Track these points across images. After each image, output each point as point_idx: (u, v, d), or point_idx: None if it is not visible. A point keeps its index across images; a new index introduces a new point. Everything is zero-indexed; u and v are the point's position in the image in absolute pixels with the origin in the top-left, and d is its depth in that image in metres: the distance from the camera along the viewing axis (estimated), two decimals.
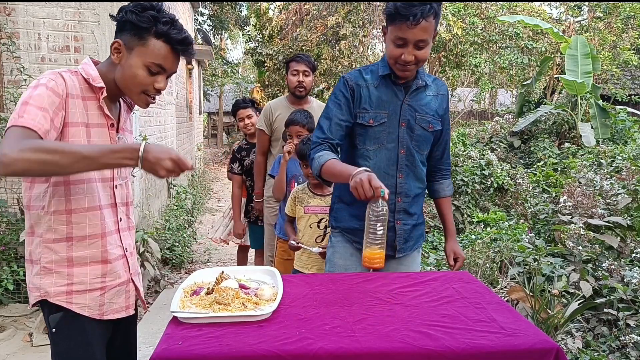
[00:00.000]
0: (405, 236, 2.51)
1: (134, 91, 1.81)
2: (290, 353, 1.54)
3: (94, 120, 1.80)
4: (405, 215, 2.48)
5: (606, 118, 9.12)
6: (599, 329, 3.58)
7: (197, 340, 1.60)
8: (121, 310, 1.94)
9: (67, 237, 1.76)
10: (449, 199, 2.72)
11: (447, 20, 11.82)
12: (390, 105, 2.39)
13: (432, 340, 1.62)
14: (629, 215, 4.66)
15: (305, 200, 3.20)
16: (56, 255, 1.76)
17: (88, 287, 1.81)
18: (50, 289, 1.76)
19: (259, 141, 4.19)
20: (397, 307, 1.90)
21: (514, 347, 1.60)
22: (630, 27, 13.87)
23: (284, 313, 1.82)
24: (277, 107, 4.08)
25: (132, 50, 1.76)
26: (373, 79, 2.40)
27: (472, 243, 4.81)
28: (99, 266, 1.83)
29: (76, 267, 1.78)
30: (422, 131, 2.43)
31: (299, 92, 4.00)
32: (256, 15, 15.78)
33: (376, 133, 2.39)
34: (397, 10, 2.15)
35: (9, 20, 4.64)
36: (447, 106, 2.55)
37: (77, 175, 1.74)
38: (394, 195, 2.43)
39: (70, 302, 1.78)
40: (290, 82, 4.03)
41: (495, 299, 2.00)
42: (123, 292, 1.94)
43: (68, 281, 1.77)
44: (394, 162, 2.41)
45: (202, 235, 7.65)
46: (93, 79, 1.77)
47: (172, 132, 9.14)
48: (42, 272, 1.76)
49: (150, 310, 4.51)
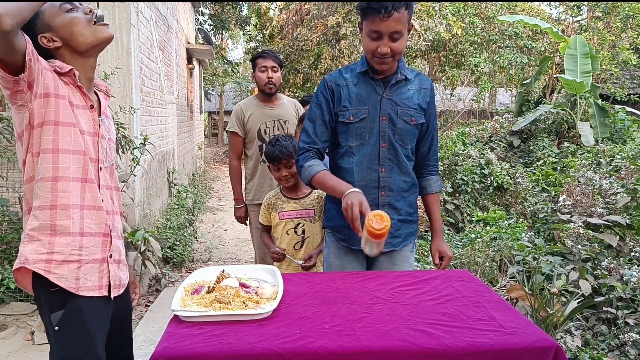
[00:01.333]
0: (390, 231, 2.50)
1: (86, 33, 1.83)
2: (291, 351, 1.55)
3: (76, 101, 1.83)
4: (390, 210, 2.45)
5: (605, 117, 9.13)
6: (598, 328, 3.59)
7: (198, 339, 1.61)
8: (95, 289, 1.87)
9: (51, 204, 1.76)
10: (436, 196, 2.68)
11: (447, 20, 11.81)
12: (369, 100, 2.41)
13: (432, 338, 1.62)
14: (628, 214, 4.67)
15: (279, 205, 3.02)
16: (39, 223, 1.76)
17: (67, 258, 1.79)
18: (30, 256, 1.75)
19: (232, 144, 4.08)
20: (397, 305, 1.90)
21: (514, 346, 1.60)
22: (629, 27, 13.88)
23: (285, 311, 1.82)
24: (248, 107, 3.97)
25: (50, 25, 1.80)
26: (352, 77, 2.44)
27: (472, 242, 4.83)
28: (77, 238, 1.81)
29: (58, 237, 1.78)
30: (405, 125, 2.43)
31: (269, 89, 3.90)
32: (257, 15, 15.79)
33: (357, 129, 2.42)
34: (369, 4, 2.20)
35: None
36: (431, 100, 2.53)
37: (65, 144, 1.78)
38: (377, 190, 2.45)
39: (48, 272, 1.76)
40: (259, 80, 3.92)
41: (495, 297, 2.00)
42: (96, 270, 1.88)
43: (48, 250, 1.76)
44: (376, 156, 2.43)
45: (203, 234, 7.66)
46: (60, 67, 1.79)
47: (173, 131, 9.14)
48: (26, 239, 1.77)
49: (152, 308, 4.51)
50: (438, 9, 11.75)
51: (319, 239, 2.97)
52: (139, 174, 5.58)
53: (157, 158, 7.26)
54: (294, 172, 2.91)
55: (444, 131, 15.60)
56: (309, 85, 12.98)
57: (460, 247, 5.05)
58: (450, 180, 6.78)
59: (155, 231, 5.64)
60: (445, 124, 17.32)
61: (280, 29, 14.23)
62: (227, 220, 8.76)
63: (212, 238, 7.62)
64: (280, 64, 3.96)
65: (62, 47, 1.83)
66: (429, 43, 12.23)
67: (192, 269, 5.82)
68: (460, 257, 4.63)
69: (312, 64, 12.47)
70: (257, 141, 3.91)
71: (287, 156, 2.90)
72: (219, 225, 8.54)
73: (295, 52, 12.42)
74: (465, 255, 4.61)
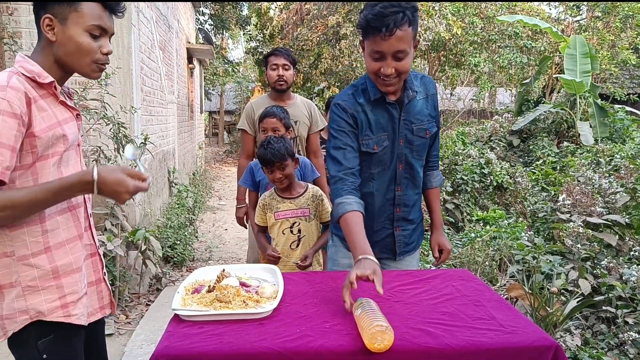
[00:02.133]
0: (405, 241, 2.52)
1: (84, 62, 1.66)
2: (291, 350, 1.55)
3: (63, 115, 1.67)
4: (404, 222, 2.49)
5: (605, 117, 9.14)
6: (597, 327, 3.60)
7: (199, 338, 1.61)
8: (96, 313, 1.84)
9: (44, 247, 1.62)
10: (436, 190, 2.65)
11: (446, 20, 11.81)
12: (388, 126, 2.31)
13: (432, 337, 1.62)
14: (628, 213, 4.68)
15: (274, 206, 2.99)
16: (39, 271, 1.61)
17: (80, 295, 1.70)
18: (42, 307, 1.61)
19: (243, 142, 3.99)
20: (397, 304, 1.91)
21: (513, 345, 1.61)
22: (629, 27, 13.87)
23: (285, 311, 1.83)
24: (260, 105, 3.84)
25: (66, 21, 1.61)
26: (366, 102, 2.29)
27: (472, 241, 4.83)
28: (81, 270, 1.72)
29: (64, 278, 1.65)
30: (421, 140, 2.38)
31: (280, 85, 3.81)
32: (257, 15, 15.79)
33: (380, 157, 2.34)
34: (369, 22, 2.03)
35: (11, 19, 4.64)
36: (437, 102, 2.46)
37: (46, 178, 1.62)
38: (393, 207, 2.43)
39: (68, 315, 1.65)
40: (270, 78, 3.83)
41: (495, 296, 2.01)
42: (94, 292, 1.83)
43: (60, 294, 1.64)
44: (393, 178, 2.39)
45: (203, 234, 7.67)
46: (39, 75, 1.61)
47: (173, 131, 9.14)
48: (26, 292, 1.59)
49: (152, 308, 4.52)
50: (438, 9, 11.74)
51: (314, 237, 3.00)
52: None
53: (158, 157, 7.26)
54: (288, 174, 2.91)
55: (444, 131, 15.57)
56: (309, 85, 12.99)
57: (460, 246, 5.05)
58: (450, 179, 6.79)
59: (156, 230, 5.64)
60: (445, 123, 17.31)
61: (280, 29, 14.23)
62: (227, 220, 8.77)
63: (213, 237, 7.62)
64: (292, 62, 3.88)
65: (53, 45, 1.64)
66: (429, 43, 12.21)
67: (193, 268, 5.83)
68: (460, 257, 4.64)
69: (312, 64, 12.46)
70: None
71: (280, 159, 2.85)
72: (219, 225, 8.55)
73: (296, 52, 12.41)
74: (465, 255, 4.62)
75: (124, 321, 4.27)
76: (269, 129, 3.28)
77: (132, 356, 3.65)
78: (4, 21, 4.61)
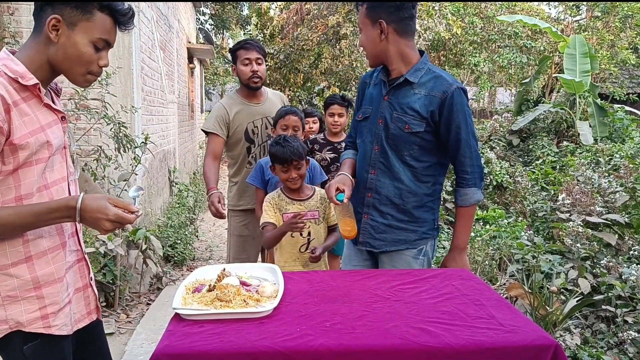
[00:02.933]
0: (371, 232, 2.51)
1: (79, 72, 1.62)
2: (292, 349, 1.56)
3: (47, 119, 1.60)
4: (374, 211, 2.50)
5: (604, 116, 9.15)
6: (597, 326, 3.61)
7: (199, 337, 1.62)
8: (83, 319, 1.78)
9: (25, 257, 1.56)
10: (461, 210, 2.49)
11: (446, 20, 11.81)
12: (375, 101, 2.49)
13: (432, 336, 1.63)
14: (627, 212, 4.68)
15: (283, 207, 2.86)
16: (19, 281, 1.55)
17: (62, 306, 1.64)
18: (21, 318, 1.56)
19: (211, 145, 3.58)
20: (398, 304, 1.91)
21: (513, 344, 1.61)
22: (628, 27, 13.87)
23: (285, 310, 1.83)
24: (232, 104, 3.55)
25: (74, 26, 1.56)
26: (373, 77, 2.57)
27: (472, 240, 4.84)
28: (63, 280, 1.65)
29: (45, 288, 1.59)
30: (398, 131, 2.40)
31: (254, 83, 3.48)
32: (257, 15, 15.77)
33: (361, 127, 2.56)
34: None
35: (12, 19, 4.65)
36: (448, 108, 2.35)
37: (29, 187, 1.56)
38: (365, 190, 2.51)
39: (48, 326, 1.60)
40: (242, 74, 3.47)
41: (495, 296, 2.01)
42: (81, 298, 1.78)
43: (40, 305, 1.58)
44: (368, 157, 2.48)
45: (204, 233, 7.67)
46: (22, 77, 1.53)
47: (174, 130, 9.15)
48: (6, 302, 1.54)
49: (153, 307, 4.53)
50: (438, 9, 11.75)
51: (322, 240, 2.90)
52: (140, 172, 5.60)
53: (159, 157, 7.27)
54: (303, 174, 2.84)
55: None
56: (310, 85, 12.98)
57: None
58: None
59: (157, 230, 5.65)
60: None
61: (280, 29, 14.21)
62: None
63: (213, 237, 7.63)
64: (264, 54, 3.55)
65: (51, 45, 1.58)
66: (429, 42, 12.22)
67: (193, 267, 5.83)
68: None
69: (312, 64, 12.46)
70: (244, 142, 3.57)
71: (298, 157, 2.76)
72: (219, 224, 8.53)
73: (296, 52, 12.42)
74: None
75: (124, 320, 4.27)
76: (290, 126, 3.20)
77: (133, 355, 3.66)
78: (5, 21, 4.62)
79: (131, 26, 1.69)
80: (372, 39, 2.38)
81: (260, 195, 3.27)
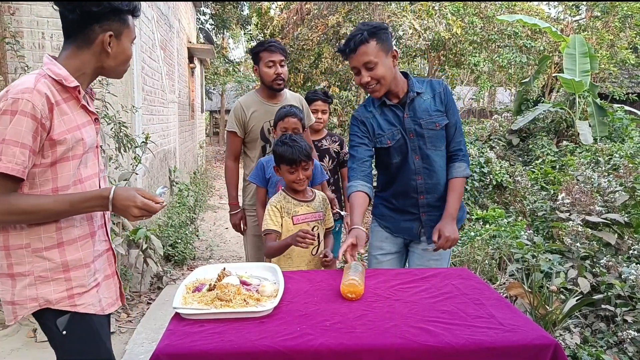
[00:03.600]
0: (431, 224, 2.71)
1: (123, 69, 1.87)
2: (292, 349, 1.57)
3: (82, 120, 1.77)
4: (429, 208, 2.76)
5: (604, 116, 9.15)
6: (596, 325, 3.61)
7: (199, 336, 1.63)
8: (114, 304, 1.96)
9: (57, 243, 1.73)
10: (455, 180, 2.73)
11: (446, 20, 11.82)
12: (397, 122, 2.71)
13: (431, 336, 1.64)
14: (627, 212, 4.68)
15: (291, 209, 2.75)
16: (50, 263, 1.73)
17: (87, 288, 1.80)
18: (51, 297, 1.73)
19: (230, 144, 3.65)
20: (397, 303, 1.92)
21: (513, 343, 1.62)
22: (628, 26, 13.87)
23: (285, 309, 1.84)
24: (250, 104, 3.55)
25: (121, 35, 1.78)
26: (375, 109, 2.75)
27: (472, 240, 4.85)
28: (90, 266, 1.82)
29: (73, 271, 1.76)
30: (432, 132, 2.69)
31: (278, 85, 3.49)
32: (258, 15, 15.79)
33: (396, 148, 2.72)
34: (340, 49, 2.66)
35: (13, 19, 4.66)
36: (447, 98, 2.75)
37: (66, 180, 1.73)
38: (416, 194, 2.75)
39: (74, 305, 1.77)
40: (265, 75, 3.47)
41: (494, 295, 2.03)
42: (111, 284, 1.96)
43: (67, 286, 1.76)
44: (412, 169, 2.72)
45: (204, 232, 7.68)
46: (65, 79, 1.71)
47: (174, 130, 9.16)
48: (37, 281, 1.72)
49: (153, 306, 4.53)
50: (438, 9, 11.76)
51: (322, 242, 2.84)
52: (141, 172, 5.60)
53: (159, 156, 7.28)
54: (309, 175, 2.78)
55: None
56: (310, 85, 12.98)
57: (460, 245, 5.07)
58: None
59: (157, 229, 5.66)
60: None
61: (281, 29, 14.22)
62: (228, 219, 8.76)
63: (214, 236, 7.63)
64: (287, 56, 3.59)
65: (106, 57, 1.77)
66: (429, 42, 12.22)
67: (194, 267, 5.84)
68: (460, 255, 4.66)
69: (312, 63, 12.47)
70: (259, 141, 3.56)
71: (306, 158, 2.69)
72: (220, 224, 8.56)
73: (296, 52, 12.44)
74: (464, 253, 4.63)
75: (125, 319, 4.28)
76: (290, 128, 3.12)
77: (134, 354, 3.66)
78: (6, 21, 4.63)
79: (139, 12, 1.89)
80: (390, 68, 2.60)
81: (261, 193, 3.25)
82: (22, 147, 1.59)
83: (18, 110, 1.58)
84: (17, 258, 1.71)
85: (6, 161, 1.57)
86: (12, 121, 1.58)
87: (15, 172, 1.59)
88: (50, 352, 1.84)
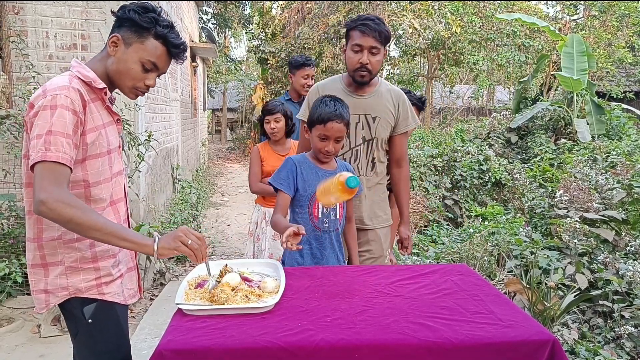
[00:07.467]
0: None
1: (126, 84, 1.87)
2: (293, 344, 1.57)
3: (106, 119, 1.87)
4: None
5: (601, 114, 9.18)
6: (594, 321, 3.62)
7: (202, 332, 1.64)
8: (135, 295, 2.05)
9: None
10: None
11: (446, 19, 11.84)
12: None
13: (431, 331, 1.65)
14: (624, 209, 4.70)
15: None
16: (81, 254, 1.81)
17: (113, 278, 1.89)
18: (80, 285, 1.81)
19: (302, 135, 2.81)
20: (397, 299, 1.93)
21: (511, 339, 1.63)
22: (625, 25, 13.90)
23: (286, 305, 1.85)
24: (329, 90, 2.77)
25: (129, 46, 1.81)
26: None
27: (471, 237, 4.87)
28: (116, 257, 1.91)
29: (101, 261, 1.84)
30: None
31: (360, 77, 2.73)
32: (259, 14, 15.80)
33: None
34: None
35: (17, 18, 4.68)
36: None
37: (96, 176, 1.81)
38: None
39: (102, 293, 1.85)
40: (349, 61, 2.75)
41: (493, 291, 2.04)
42: (134, 276, 2.06)
43: (96, 275, 1.83)
44: None
45: (206, 229, 7.69)
46: (94, 81, 1.81)
47: (176, 128, 9.16)
48: (68, 271, 1.80)
49: (156, 302, 4.55)
50: (437, 8, 11.78)
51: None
52: (144, 169, 5.61)
53: (162, 154, 7.29)
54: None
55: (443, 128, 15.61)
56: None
57: (459, 241, 5.09)
58: (449, 175, 6.83)
59: (160, 226, 5.66)
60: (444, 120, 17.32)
61: (282, 28, 14.24)
62: (230, 216, 8.77)
63: (216, 233, 7.63)
64: (385, 41, 2.76)
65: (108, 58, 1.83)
66: (428, 41, 12.25)
67: (196, 263, 5.84)
68: (459, 252, 4.67)
69: None
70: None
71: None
72: (222, 221, 8.56)
73: (297, 51, 12.45)
74: (463, 250, 4.64)
75: (128, 315, 4.30)
76: (332, 137, 2.42)
77: (137, 350, 3.67)
78: (11, 20, 4.65)
79: (183, 57, 1.94)
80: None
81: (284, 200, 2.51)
82: (67, 137, 1.65)
83: (58, 104, 1.66)
84: (49, 249, 1.79)
85: (55, 150, 1.62)
86: (55, 114, 1.65)
87: (66, 161, 1.64)
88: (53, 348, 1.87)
